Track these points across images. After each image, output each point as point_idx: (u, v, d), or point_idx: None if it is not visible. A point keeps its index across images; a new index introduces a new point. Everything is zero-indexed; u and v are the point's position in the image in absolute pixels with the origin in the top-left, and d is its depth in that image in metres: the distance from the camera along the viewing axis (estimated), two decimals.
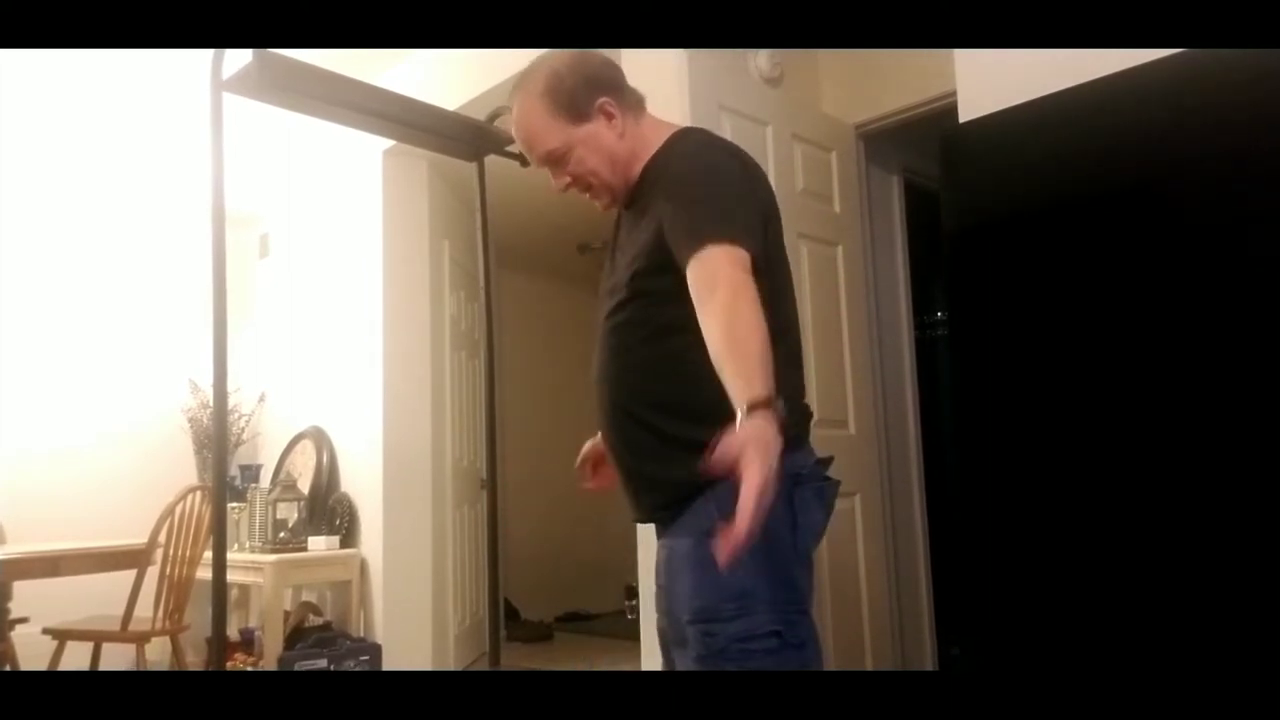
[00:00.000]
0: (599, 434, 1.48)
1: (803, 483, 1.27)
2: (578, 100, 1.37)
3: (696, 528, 1.26)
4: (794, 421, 1.23)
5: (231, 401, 3.75)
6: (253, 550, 3.70)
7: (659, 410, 1.30)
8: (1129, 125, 1.51)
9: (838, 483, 1.34)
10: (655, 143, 1.40)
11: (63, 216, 4.19)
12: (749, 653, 1.23)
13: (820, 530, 1.31)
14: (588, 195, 1.44)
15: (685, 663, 1.32)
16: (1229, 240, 1.40)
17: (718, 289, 1.15)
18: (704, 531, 1.24)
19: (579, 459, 1.60)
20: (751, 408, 1.05)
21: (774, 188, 2.72)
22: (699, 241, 1.19)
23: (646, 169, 1.39)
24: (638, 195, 1.40)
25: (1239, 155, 1.39)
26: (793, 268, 2.74)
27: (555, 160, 1.39)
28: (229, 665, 3.67)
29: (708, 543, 1.20)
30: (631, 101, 1.43)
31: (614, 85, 1.42)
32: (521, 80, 1.42)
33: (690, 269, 1.19)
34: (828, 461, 1.34)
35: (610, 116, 1.39)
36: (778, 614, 1.24)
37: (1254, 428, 1.34)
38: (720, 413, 1.12)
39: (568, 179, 1.40)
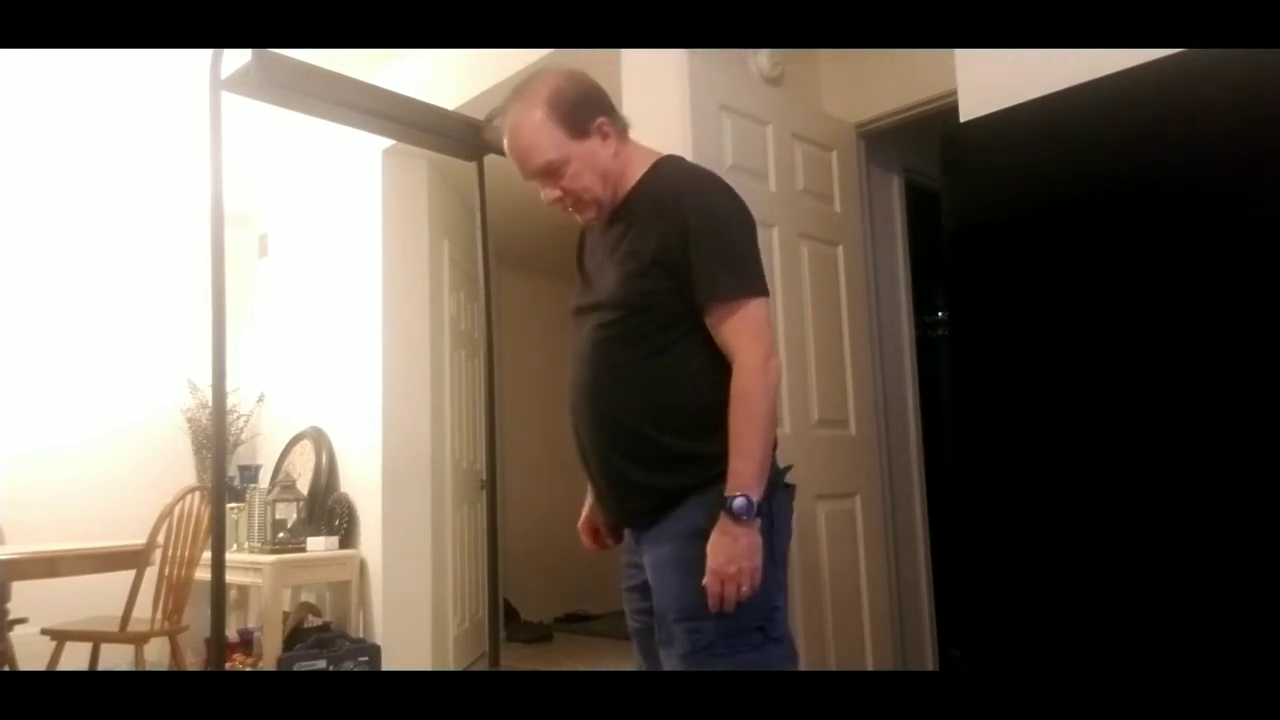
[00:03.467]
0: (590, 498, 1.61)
1: (778, 490, 1.37)
2: (579, 116, 1.41)
3: (683, 531, 1.34)
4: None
5: (230, 402, 3.76)
6: (252, 551, 3.70)
7: (652, 422, 1.37)
8: (1129, 125, 1.51)
9: (794, 485, 1.46)
10: (640, 166, 1.47)
11: (62, 216, 4.19)
12: (736, 647, 1.30)
13: (791, 530, 1.43)
14: (573, 209, 1.48)
15: (670, 660, 1.36)
16: (1229, 240, 1.39)
17: (748, 359, 1.31)
18: (690, 534, 1.33)
19: (581, 522, 1.73)
20: (740, 501, 1.27)
21: (774, 187, 2.73)
22: (738, 291, 1.33)
23: (635, 192, 1.46)
24: (621, 215, 1.46)
25: (1239, 155, 1.39)
26: (793, 268, 2.74)
27: (550, 173, 1.42)
28: (228, 666, 3.66)
29: (694, 545, 1.32)
30: (621, 126, 1.48)
31: (610, 107, 1.47)
32: (520, 92, 1.45)
33: (730, 315, 1.33)
34: (787, 469, 1.45)
35: (606, 136, 1.44)
36: (760, 611, 1.31)
37: (1255, 427, 1.33)
38: (706, 428, 1.32)
39: (559, 192, 1.44)
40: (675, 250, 1.35)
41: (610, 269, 1.44)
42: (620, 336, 1.39)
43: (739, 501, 1.27)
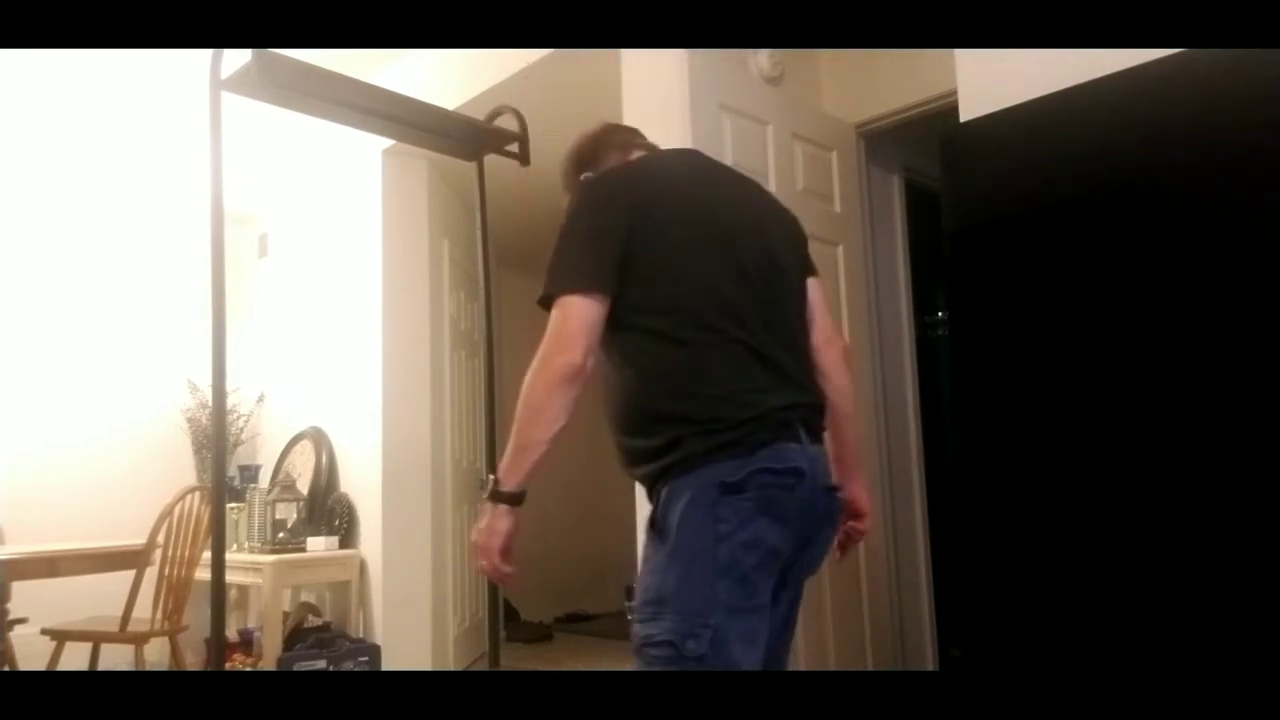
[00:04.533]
0: None
1: (734, 491, 1.24)
2: (570, 181, 1.58)
3: (650, 523, 1.35)
4: (715, 430, 1.26)
5: (230, 402, 3.76)
6: (252, 551, 3.70)
7: (616, 436, 1.44)
8: (1129, 125, 1.51)
9: (817, 495, 1.32)
10: None
11: (62, 216, 4.19)
12: (649, 657, 1.25)
13: (770, 539, 1.26)
14: None
15: None
16: (1229, 240, 1.39)
17: (539, 351, 1.34)
18: (649, 525, 1.34)
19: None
20: (493, 483, 1.35)
21: (774, 187, 2.72)
22: (550, 290, 1.35)
23: None
24: None
25: (1239, 155, 1.39)
26: None
27: None
28: (228, 666, 3.66)
29: (648, 538, 1.34)
30: (611, 162, 1.55)
31: (594, 158, 1.56)
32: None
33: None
34: (790, 471, 1.28)
35: None
36: (679, 625, 1.22)
37: (1255, 427, 1.33)
38: (635, 440, 1.36)
39: None
40: None
41: None
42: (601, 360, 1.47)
43: (492, 482, 1.36)
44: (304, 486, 3.91)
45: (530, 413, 1.34)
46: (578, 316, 1.31)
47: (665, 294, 1.33)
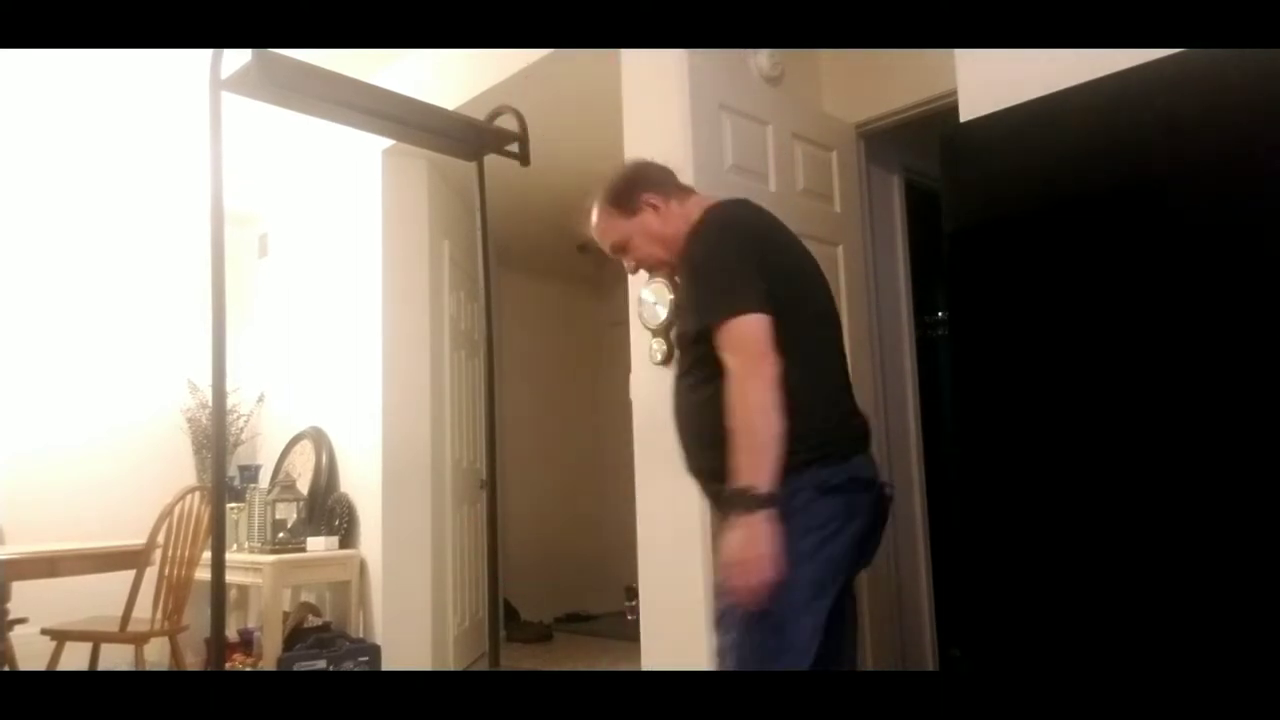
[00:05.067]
0: None
1: (831, 493, 1.45)
2: (627, 199, 1.69)
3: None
4: (821, 442, 1.47)
5: (230, 402, 3.76)
6: (252, 551, 3.70)
7: (698, 446, 1.59)
8: (1129, 125, 1.51)
9: (879, 493, 1.55)
10: (694, 218, 1.65)
11: (62, 217, 4.19)
12: (730, 628, 1.41)
13: (849, 535, 1.48)
14: (649, 271, 1.79)
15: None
16: (1229, 240, 1.39)
17: (734, 367, 1.44)
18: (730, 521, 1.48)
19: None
20: (741, 493, 1.37)
21: (774, 187, 2.72)
22: (721, 314, 1.47)
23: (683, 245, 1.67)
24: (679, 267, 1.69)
25: (1239, 155, 1.39)
26: None
27: (620, 250, 1.72)
28: (228, 666, 3.66)
29: (726, 529, 1.45)
30: (674, 192, 1.72)
31: (657, 184, 1.71)
32: (593, 191, 1.76)
33: (719, 336, 1.47)
34: (869, 480, 1.53)
35: (656, 207, 1.68)
36: (775, 601, 1.37)
37: (1255, 427, 1.33)
38: (721, 449, 1.43)
39: (633, 263, 1.74)
40: (682, 293, 1.61)
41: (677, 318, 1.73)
42: (678, 376, 1.64)
43: (740, 493, 1.38)
44: (304, 486, 3.91)
45: (759, 416, 1.42)
46: (759, 330, 1.46)
47: (789, 320, 1.49)
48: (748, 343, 1.45)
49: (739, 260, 1.52)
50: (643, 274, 2.50)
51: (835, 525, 1.44)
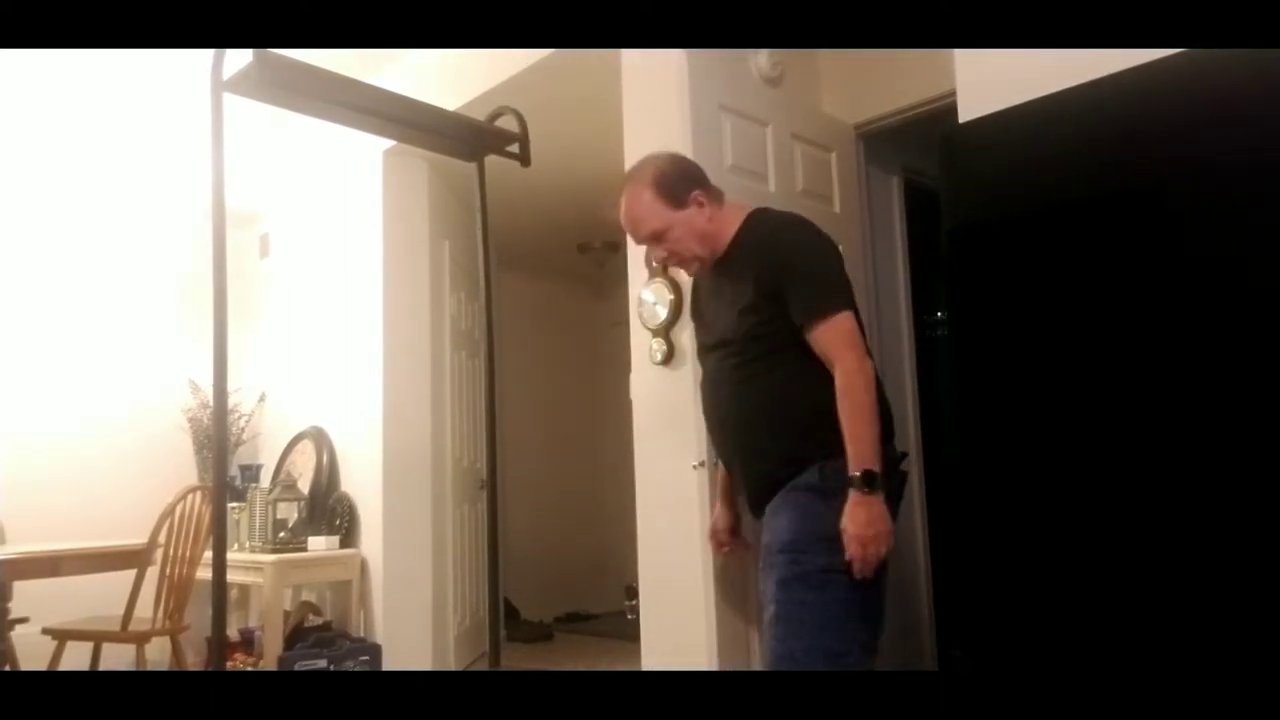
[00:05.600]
0: (718, 509, 1.96)
1: (893, 470, 1.64)
2: (677, 191, 1.74)
3: (795, 486, 1.63)
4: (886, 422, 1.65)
5: (231, 401, 3.75)
6: (253, 550, 3.70)
7: (767, 430, 1.69)
8: (1129, 125, 1.51)
9: (904, 474, 1.72)
10: (734, 222, 1.76)
11: (63, 218, 4.19)
12: (828, 579, 1.55)
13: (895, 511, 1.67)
14: (679, 265, 1.85)
15: (769, 584, 1.63)
16: (1229, 240, 1.40)
17: (847, 361, 1.59)
18: (801, 487, 1.63)
19: (711, 535, 2.02)
20: (864, 475, 1.53)
21: (774, 188, 2.72)
22: (826, 309, 1.61)
23: (734, 244, 1.75)
24: (725, 265, 1.77)
25: (1239, 155, 1.39)
26: None
27: (657, 238, 1.76)
28: (229, 665, 3.67)
29: (804, 495, 1.61)
30: (715, 194, 1.80)
31: (704, 181, 1.79)
32: (632, 174, 1.81)
33: (819, 331, 1.61)
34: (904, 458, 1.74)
35: (701, 205, 1.75)
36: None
37: (1255, 428, 1.34)
38: (808, 430, 1.62)
39: (665, 252, 1.78)
40: (773, 285, 1.66)
41: (724, 311, 1.76)
42: (739, 364, 1.70)
43: (865, 474, 1.53)
44: (305, 486, 3.92)
45: (870, 408, 1.58)
46: (856, 329, 1.63)
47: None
48: (856, 340, 1.61)
49: (837, 257, 1.70)
50: (643, 274, 2.50)
51: (898, 495, 1.66)
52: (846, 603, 1.56)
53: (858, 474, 1.53)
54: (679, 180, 1.74)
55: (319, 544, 3.65)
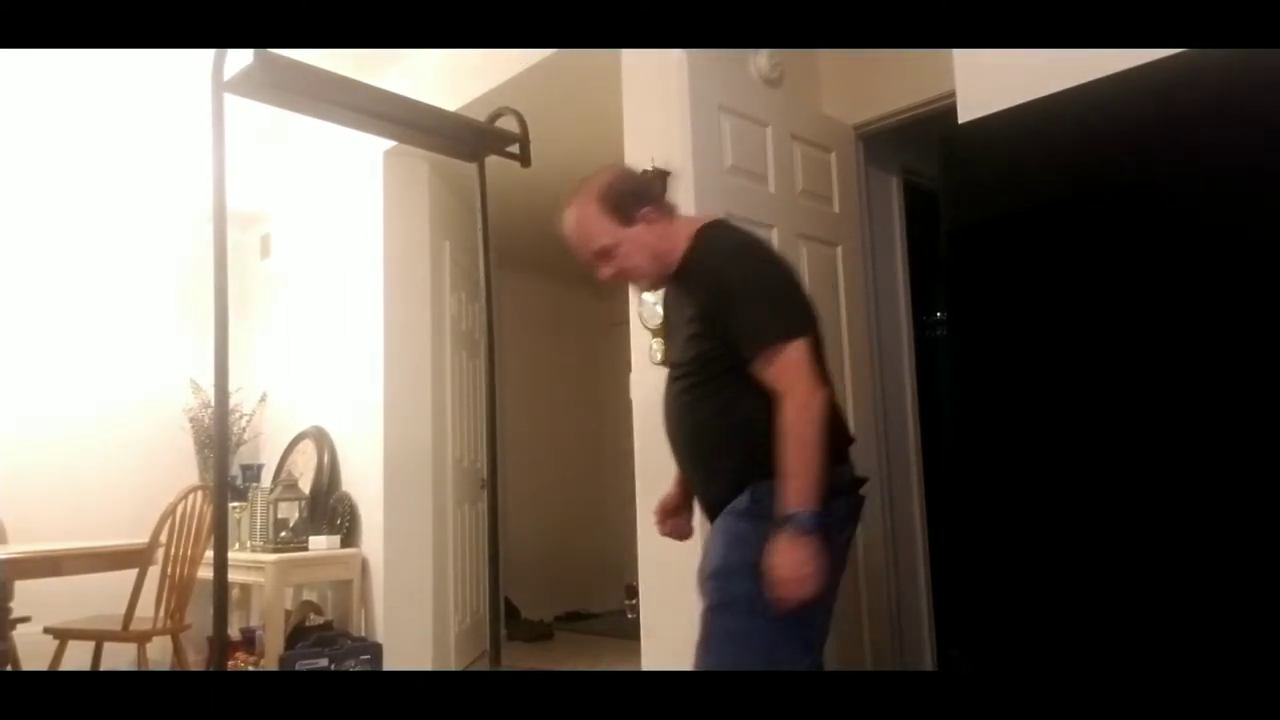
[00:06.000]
0: (670, 488, 1.88)
1: (835, 495, 1.53)
2: (627, 207, 1.66)
3: (731, 510, 1.58)
4: (835, 445, 1.55)
5: (233, 401, 3.76)
6: (254, 550, 3.71)
7: (712, 453, 1.64)
8: (1128, 125, 1.51)
9: (860, 499, 1.65)
10: (686, 237, 1.68)
11: (63, 218, 4.19)
12: (754, 606, 1.46)
13: (850, 528, 1.63)
14: (627, 281, 1.77)
15: (702, 609, 1.58)
16: (1228, 240, 1.40)
17: (791, 395, 1.49)
18: (735, 512, 1.57)
19: (656, 509, 1.95)
20: (801, 514, 1.43)
21: (773, 189, 2.72)
22: (768, 340, 1.51)
23: (683, 262, 1.67)
24: (676, 283, 1.71)
25: (1238, 155, 1.39)
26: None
27: (604, 255, 1.69)
28: (230, 665, 3.67)
29: (737, 520, 1.55)
30: (667, 209, 1.73)
31: (654, 197, 1.73)
32: (580, 187, 1.71)
33: (761, 364, 1.52)
34: (857, 480, 1.64)
35: (652, 221, 1.67)
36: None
37: (1254, 427, 1.34)
38: (752, 454, 1.53)
39: (612, 270, 1.70)
40: (717, 311, 1.58)
41: (675, 332, 1.72)
42: (685, 388, 1.65)
43: (796, 515, 1.43)
44: (306, 486, 3.92)
45: (815, 445, 1.48)
46: (808, 356, 1.53)
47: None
48: (802, 371, 1.51)
49: (785, 281, 1.61)
50: None
51: (839, 525, 1.56)
52: (774, 629, 1.46)
53: (798, 512, 1.44)
54: (628, 196, 1.67)
55: (320, 543, 3.66)
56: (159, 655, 3.62)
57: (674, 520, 1.90)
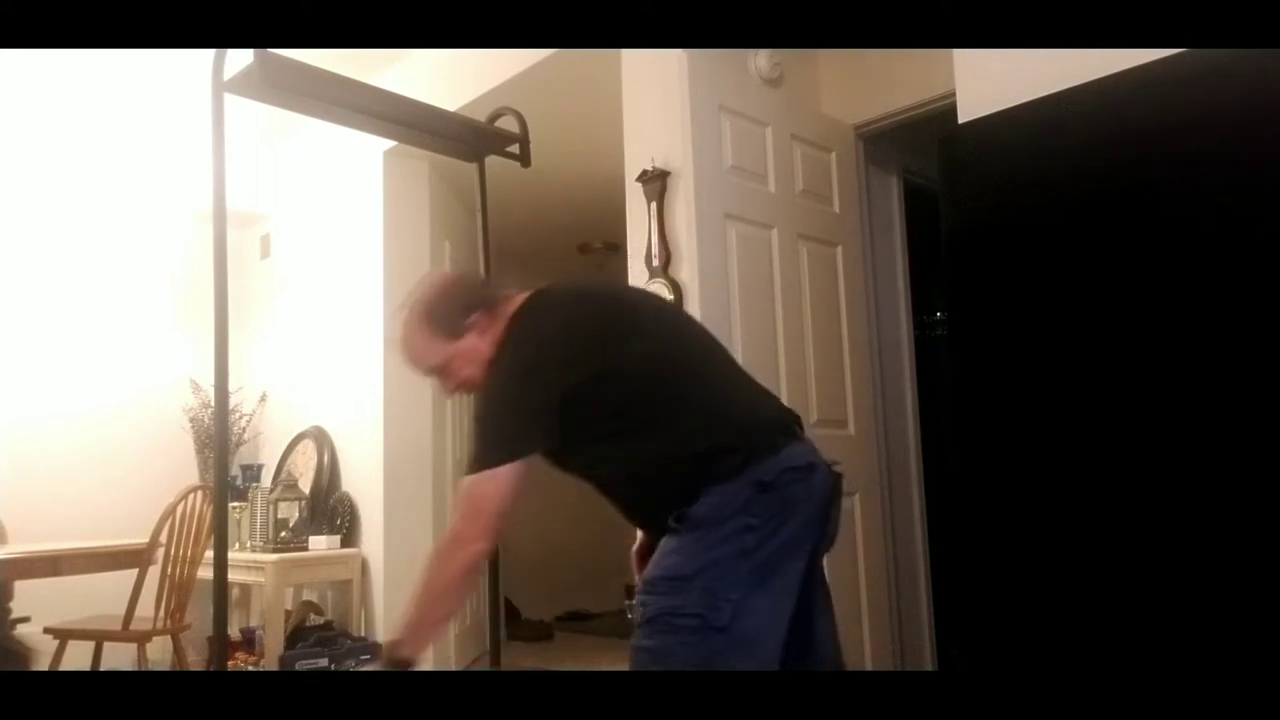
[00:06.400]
0: (640, 535, 1.75)
1: (767, 490, 1.42)
2: (452, 322, 1.59)
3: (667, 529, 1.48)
4: (748, 444, 1.44)
5: (233, 401, 3.76)
6: (254, 550, 3.71)
7: (639, 506, 1.60)
8: (1128, 125, 1.51)
9: (827, 479, 1.49)
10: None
11: (63, 218, 4.19)
12: (673, 626, 1.38)
13: (793, 529, 1.43)
14: (470, 391, 1.65)
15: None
16: (1228, 240, 1.40)
17: (460, 527, 1.49)
18: (669, 530, 1.47)
19: (633, 553, 1.84)
20: (393, 644, 1.42)
21: (774, 188, 2.72)
22: (473, 466, 1.49)
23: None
24: None
25: (1238, 155, 1.39)
26: (793, 268, 2.74)
27: (438, 372, 1.62)
28: (230, 665, 3.67)
29: (665, 539, 1.46)
30: (499, 309, 1.60)
31: (482, 301, 1.61)
32: (404, 305, 1.64)
33: (463, 483, 1.49)
34: (806, 466, 1.47)
35: (483, 330, 1.58)
36: (704, 598, 1.37)
37: (1254, 427, 1.34)
38: (663, 498, 1.45)
39: (453, 384, 1.63)
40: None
41: None
42: (587, 464, 1.65)
43: (397, 647, 1.42)
44: (306, 486, 3.92)
45: (442, 593, 1.46)
46: (499, 496, 1.49)
47: (657, 374, 1.49)
48: (484, 509, 1.50)
49: (528, 375, 1.49)
50: (643, 275, 2.49)
51: (778, 519, 1.42)
52: (694, 648, 1.36)
53: (399, 645, 1.42)
54: (453, 308, 1.59)
55: (320, 543, 3.66)
56: (159, 655, 3.62)
57: (642, 565, 1.81)
